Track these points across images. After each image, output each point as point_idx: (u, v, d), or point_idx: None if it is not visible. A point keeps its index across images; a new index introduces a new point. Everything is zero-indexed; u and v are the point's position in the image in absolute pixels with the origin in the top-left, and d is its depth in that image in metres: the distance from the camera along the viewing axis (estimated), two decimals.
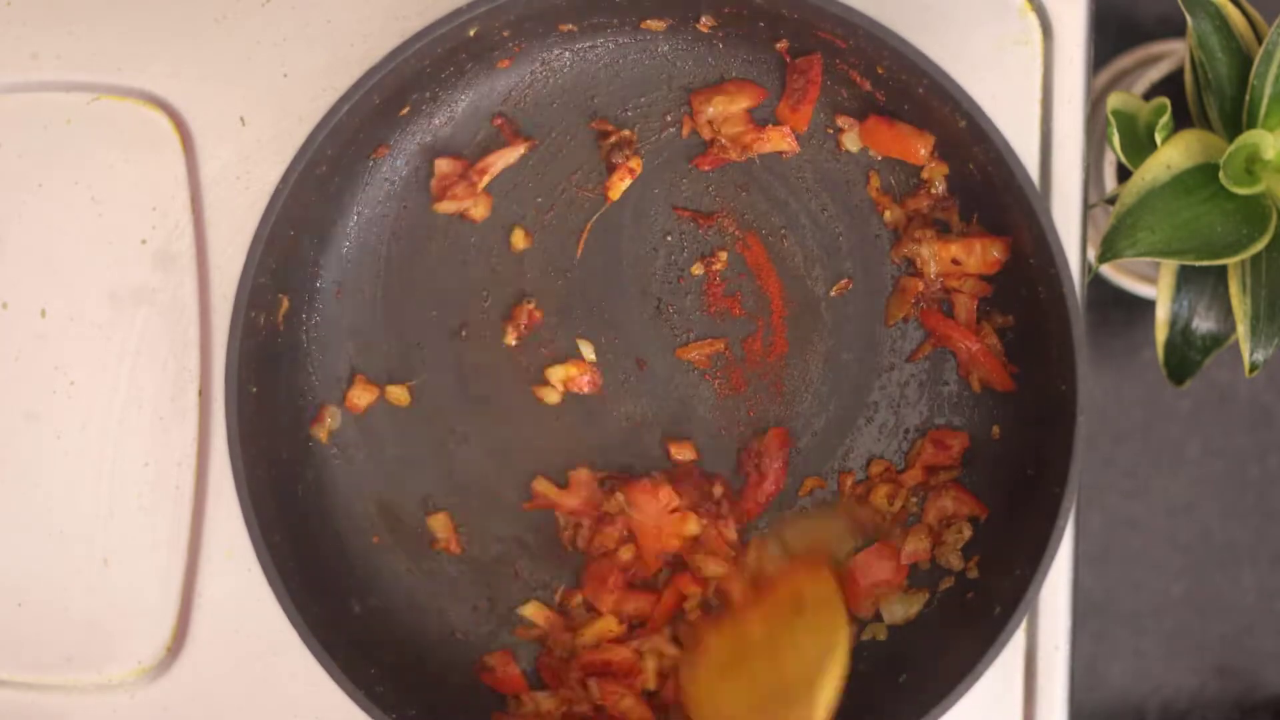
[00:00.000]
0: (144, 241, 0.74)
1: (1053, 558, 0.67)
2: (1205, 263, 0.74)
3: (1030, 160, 0.73)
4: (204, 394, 0.74)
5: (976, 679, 0.67)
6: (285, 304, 0.72)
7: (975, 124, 0.66)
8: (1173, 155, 0.74)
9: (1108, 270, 1.16)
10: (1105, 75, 1.15)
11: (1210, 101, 0.78)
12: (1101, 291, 1.21)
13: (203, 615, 0.74)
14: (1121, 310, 1.26)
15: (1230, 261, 0.74)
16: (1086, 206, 0.73)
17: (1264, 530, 1.28)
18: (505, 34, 0.71)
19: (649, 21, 0.73)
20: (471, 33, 0.68)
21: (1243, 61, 0.76)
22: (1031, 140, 0.73)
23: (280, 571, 0.68)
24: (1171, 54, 1.12)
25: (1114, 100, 0.78)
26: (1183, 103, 0.81)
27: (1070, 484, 0.66)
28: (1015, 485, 0.72)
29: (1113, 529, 1.28)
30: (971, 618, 0.70)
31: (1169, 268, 0.82)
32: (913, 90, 0.69)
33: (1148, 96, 1.07)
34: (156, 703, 0.74)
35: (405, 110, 0.72)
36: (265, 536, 0.67)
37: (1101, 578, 1.28)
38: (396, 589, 0.75)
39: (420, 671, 0.73)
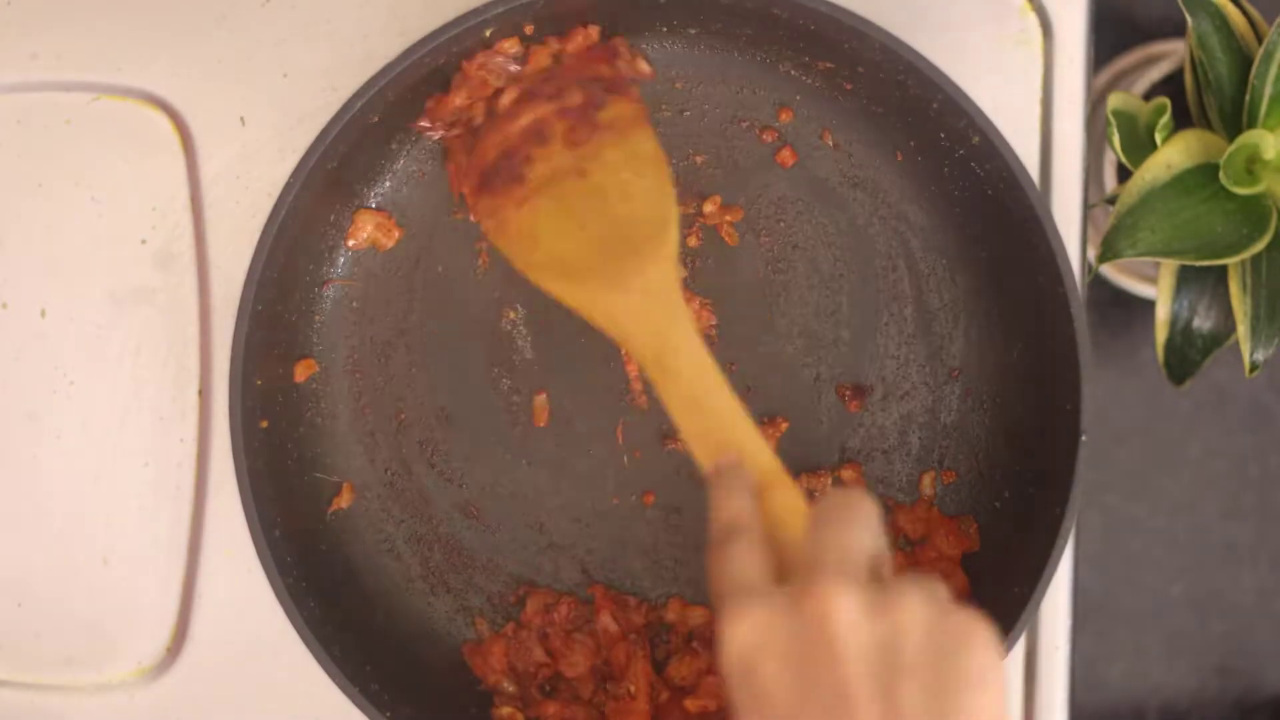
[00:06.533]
0: (144, 241, 0.74)
1: (1051, 577, 0.66)
2: (1205, 263, 0.74)
3: (1030, 161, 0.72)
4: (204, 394, 0.74)
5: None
6: (289, 301, 0.72)
7: (985, 137, 0.66)
8: (1173, 155, 0.74)
9: (1108, 270, 1.16)
10: (1105, 75, 1.16)
11: (1210, 101, 0.78)
12: (1101, 291, 1.21)
13: (203, 615, 0.74)
14: (1121, 310, 1.26)
15: (1230, 261, 0.74)
16: (1086, 206, 0.73)
17: (1264, 530, 1.28)
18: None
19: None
20: (487, 33, 0.67)
21: (1243, 61, 0.76)
22: (1032, 141, 0.73)
23: (280, 571, 0.67)
24: (1171, 54, 1.12)
25: (1114, 100, 0.78)
26: (1183, 103, 0.81)
27: (1071, 505, 0.65)
28: (1015, 502, 0.71)
29: (1113, 529, 1.28)
30: None
31: (1169, 268, 0.82)
32: (926, 105, 0.68)
33: (1148, 96, 1.07)
34: (156, 703, 0.74)
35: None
36: (265, 536, 0.67)
37: (1101, 578, 1.28)
38: (396, 587, 0.75)
39: (418, 671, 0.73)
